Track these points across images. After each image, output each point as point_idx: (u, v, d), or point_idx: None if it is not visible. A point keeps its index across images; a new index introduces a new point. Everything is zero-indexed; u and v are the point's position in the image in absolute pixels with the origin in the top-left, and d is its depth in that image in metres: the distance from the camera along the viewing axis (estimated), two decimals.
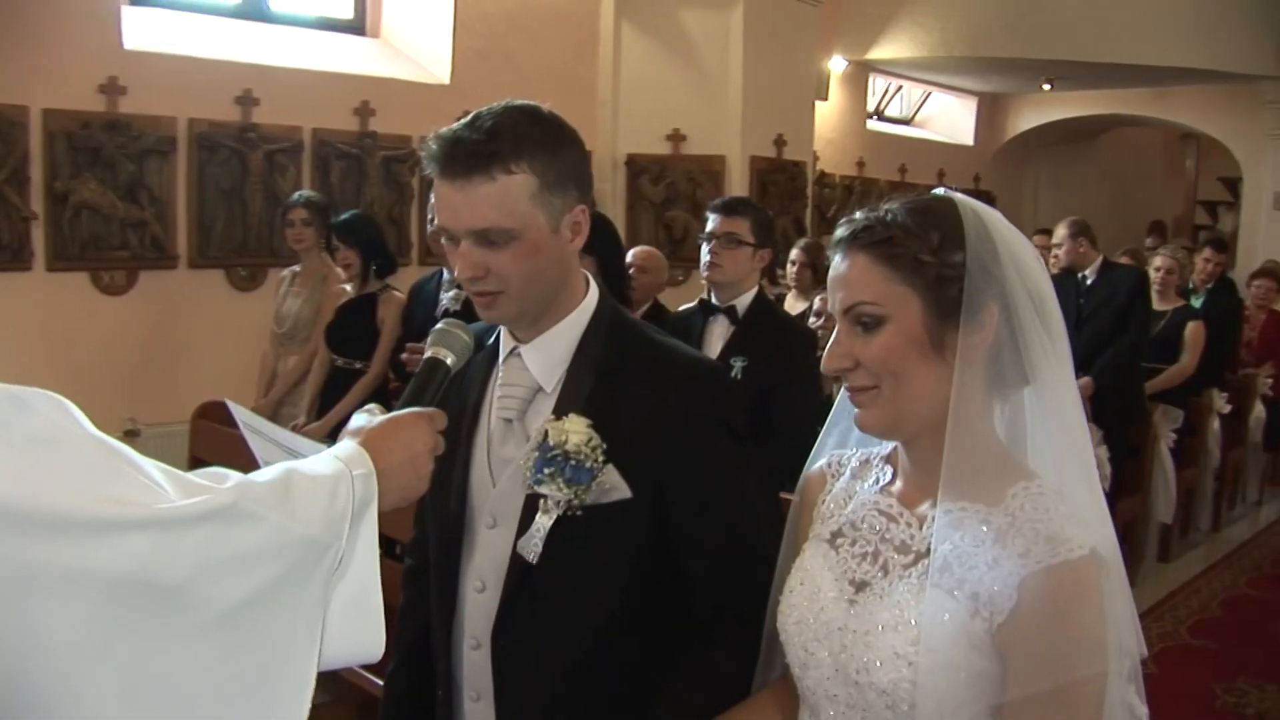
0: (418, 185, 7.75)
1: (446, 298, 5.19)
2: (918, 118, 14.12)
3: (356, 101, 7.45)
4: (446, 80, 7.98)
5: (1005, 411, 1.65)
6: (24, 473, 1.16)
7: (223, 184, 6.80)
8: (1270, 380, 8.79)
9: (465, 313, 5.09)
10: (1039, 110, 14.27)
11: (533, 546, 1.92)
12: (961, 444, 1.58)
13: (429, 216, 5.25)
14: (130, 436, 6.06)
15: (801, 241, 7.12)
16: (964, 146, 14.16)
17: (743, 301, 4.22)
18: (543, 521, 1.91)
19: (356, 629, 1.49)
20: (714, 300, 4.28)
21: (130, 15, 6.52)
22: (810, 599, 1.70)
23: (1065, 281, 6.70)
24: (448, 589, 2.06)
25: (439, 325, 1.89)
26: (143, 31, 6.58)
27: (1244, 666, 5.71)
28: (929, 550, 1.60)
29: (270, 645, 1.34)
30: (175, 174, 6.61)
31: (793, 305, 6.58)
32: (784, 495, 2.26)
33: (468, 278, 1.89)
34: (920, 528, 1.64)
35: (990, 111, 14.46)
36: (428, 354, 1.86)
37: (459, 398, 2.05)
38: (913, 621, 1.55)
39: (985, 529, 1.55)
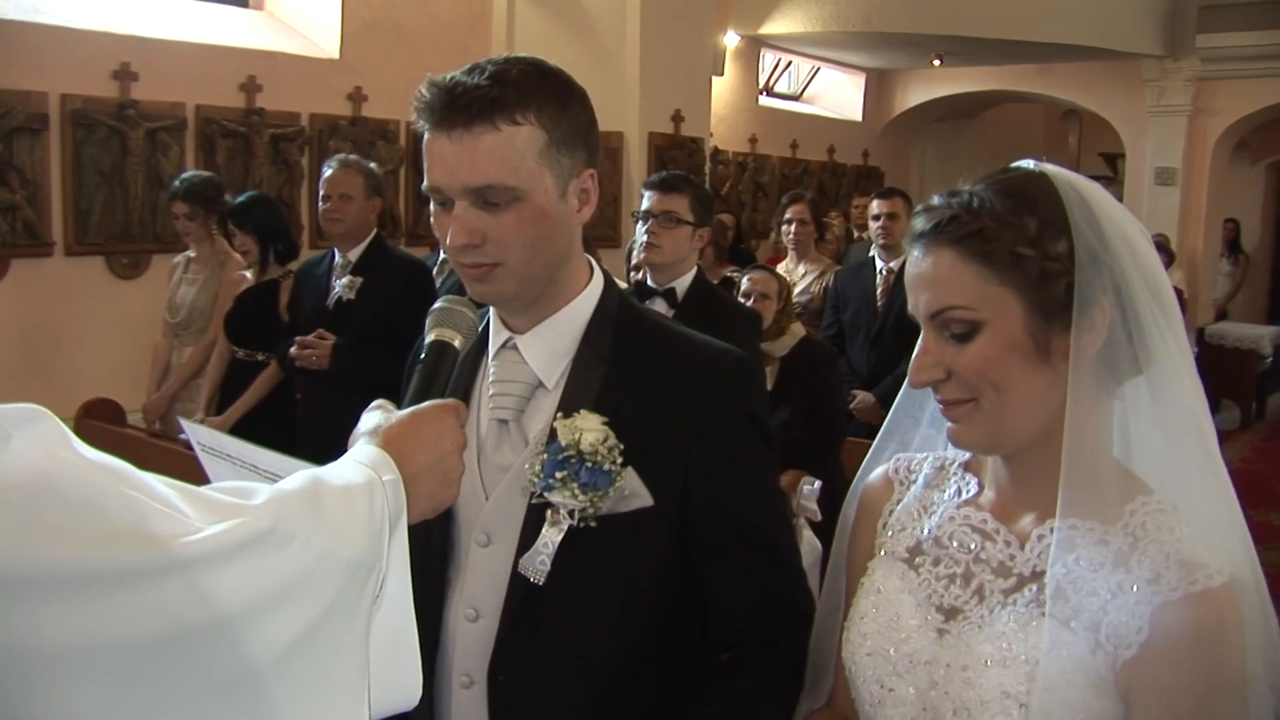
0: (308, 165, 7.41)
1: (340, 285, 4.79)
2: (806, 94, 14.07)
3: (242, 76, 7.07)
4: (336, 54, 7.66)
5: (1113, 412, 1.46)
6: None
7: (101, 165, 6.36)
8: None
9: (360, 303, 4.75)
10: (926, 86, 14.34)
11: (538, 565, 1.67)
12: (1078, 457, 1.39)
13: (320, 194, 4.87)
14: None
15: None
16: (853, 122, 14.15)
17: (682, 284, 4.04)
18: (550, 535, 1.66)
19: (393, 669, 1.25)
20: (650, 282, 4.07)
21: None
22: (888, 627, 1.50)
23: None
24: (430, 618, 1.76)
25: (439, 304, 1.65)
26: None
27: None
28: (1034, 573, 1.41)
29: (320, 697, 1.09)
30: (48, 154, 6.15)
31: None
32: None
33: (461, 245, 1.62)
34: (1022, 547, 1.45)
35: (878, 87, 14.49)
36: (430, 337, 1.61)
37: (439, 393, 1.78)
38: (1023, 657, 1.36)
39: (1104, 549, 1.36)
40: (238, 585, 1.01)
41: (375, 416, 1.45)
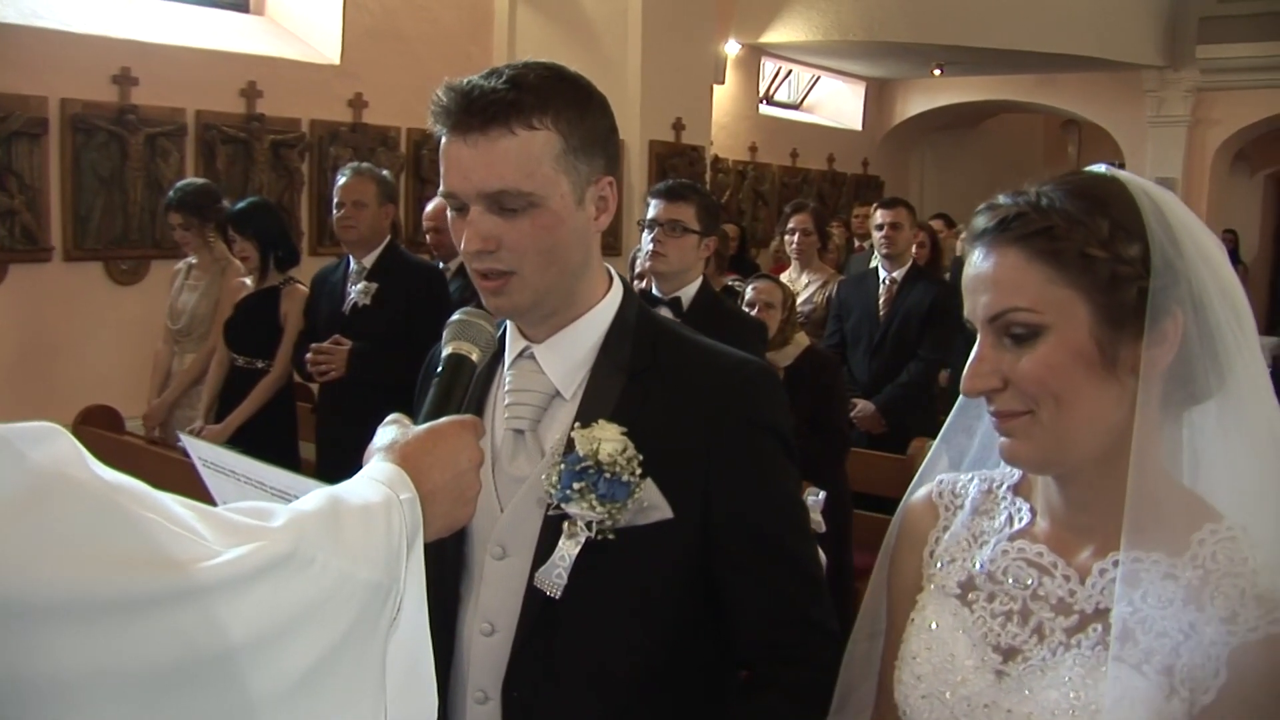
0: (308, 171, 7.39)
1: (355, 290, 4.84)
2: (806, 102, 14.06)
3: (242, 82, 7.03)
4: (337, 60, 7.62)
5: (1179, 436, 1.37)
6: (12, 547, 0.87)
7: (100, 170, 6.32)
8: None
9: (376, 308, 4.77)
10: (926, 95, 14.36)
11: (555, 578, 1.63)
12: (1144, 481, 1.30)
13: (334, 201, 4.88)
14: None
15: None
16: (853, 131, 14.16)
17: (688, 293, 3.99)
18: (567, 548, 1.63)
19: (408, 691, 1.21)
20: (656, 291, 4.03)
21: None
22: (942, 668, 1.42)
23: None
24: (443, 633, 1.72)
25: (456, 316, 1.61)
26: (7, 3, 6.03)
27: None
28: (1097, 611, 1.33)
29: None
30: (47, 159, 6.11)
31: None
32: None
33: (475, 250, 1.59)
34: (1083, 582, 1.36)
35: (878, 96, 14.50)
36: (447, 350, 1.57)
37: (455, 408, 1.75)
38: (1093, 705, 1.28)
39: (1173, 584, 1.28)
40: (257, 611, 0.98)
41: (391, 432, 1.41)
